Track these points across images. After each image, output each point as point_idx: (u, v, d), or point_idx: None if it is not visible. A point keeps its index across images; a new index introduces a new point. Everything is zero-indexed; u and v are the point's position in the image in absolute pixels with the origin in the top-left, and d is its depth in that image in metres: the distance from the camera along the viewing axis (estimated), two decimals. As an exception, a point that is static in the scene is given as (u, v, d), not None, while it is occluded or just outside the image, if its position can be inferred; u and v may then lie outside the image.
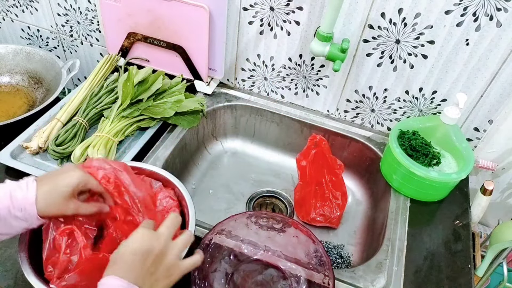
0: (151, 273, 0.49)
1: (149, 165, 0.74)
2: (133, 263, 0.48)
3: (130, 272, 0.47)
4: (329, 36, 0.82)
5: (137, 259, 0.49)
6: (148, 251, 0.49)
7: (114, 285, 0.46)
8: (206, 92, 1.05)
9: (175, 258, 0.52)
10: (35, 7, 1.14)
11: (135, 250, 0.49)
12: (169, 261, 0.51)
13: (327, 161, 0.92)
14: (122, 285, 0.46)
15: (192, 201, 0.68)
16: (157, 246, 0.50)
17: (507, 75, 0.80)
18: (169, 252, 0.51)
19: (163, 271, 0.50)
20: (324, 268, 0.67)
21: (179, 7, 0.92)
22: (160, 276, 0.49)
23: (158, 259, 0.50)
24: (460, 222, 0.82)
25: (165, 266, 0.50)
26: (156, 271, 0.49)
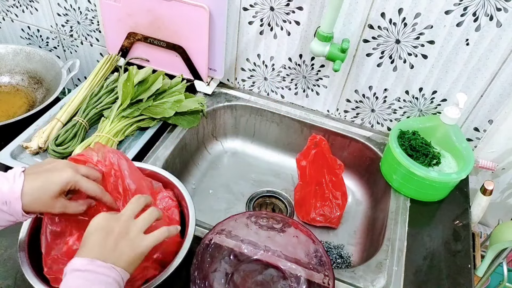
0: (113, 249, 0.49)
1: (149, 165, 0.74)
2: (94, 242, 0.49)
3: (91, 250, 0.48)
4: (329, 36, 0.82)
5: (97, 238, 0.50)
6: (107, 231, 0.50)
7: (76, 264, 0.47)
8: (206, 92, 1.05)
9: (137, 234, 0.52)
10: (35, 7, 1.14)
11: (94, 230, 0.51)
12: (131, 237, 0.51)
13: (327, 161, 0.92)
14: (83, 263, 0.47)
15: (192, 201, 0.68)
16: (116, 226, 0.51)
17: (507, 75, 0.80)
18: (130, 229, 0.52)
19: (126, 246, 0.50)
20: (324, 268, 0.67)
21: (179, 7, 0.92)
22: (123, 251, 0.50)
23: (119, 237, 0.50)
24: (460, 222, 0.82)
25: (127, 241, 0.50)
26: (118, 247, 0.50)
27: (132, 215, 0.54)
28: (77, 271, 0.46)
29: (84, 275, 0.46)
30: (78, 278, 0.46)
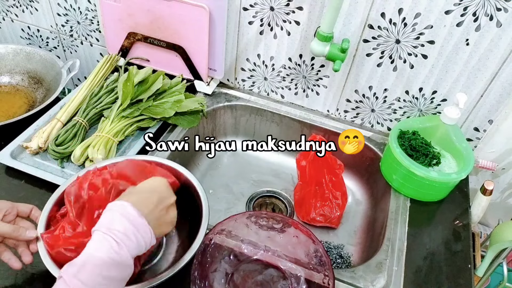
0: (157, 217, 0.52)
1: (169, 161, 0.74)
2: (149, 200, 0.52)
3: (144, 206, 0.51)
4: (329, 36, 0.82)
5: (154, 198, 0.53)
6: (162, 200, 0.54)
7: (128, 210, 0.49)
8: (206, 92, 1.05)
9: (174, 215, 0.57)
10: (35, 7, 1.14)
11: (155, 189, 0.55)
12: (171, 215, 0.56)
13: (327, 161, 0.92)
14: (134, 214, 0.49)
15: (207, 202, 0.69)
16: (169, 199, 0.55)
17: (507, 75, 0.80)
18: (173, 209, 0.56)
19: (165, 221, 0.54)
20: (324, 268, 0.67)
21: (179, 7, 0.92)
22: (162, 223, 0.53)
23: (165, 210, 0.54)
24: (460, 222, 0.82)
25: (167, 217, 0.54)
26: (161, 218, 0.53)
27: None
28: (124, 217, 0.48)
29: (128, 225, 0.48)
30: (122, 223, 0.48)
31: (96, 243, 0.47)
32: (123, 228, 0.47)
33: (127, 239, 0.47)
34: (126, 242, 0.47)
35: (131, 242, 0.47)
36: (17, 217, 0.61)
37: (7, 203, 0.60)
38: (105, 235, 0.47)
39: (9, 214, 0.60)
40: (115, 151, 0.85)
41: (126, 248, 0.47)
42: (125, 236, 0.47)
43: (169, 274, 0.58)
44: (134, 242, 0.48)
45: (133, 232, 0.48)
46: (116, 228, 0.47)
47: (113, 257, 0.46)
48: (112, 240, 0.46)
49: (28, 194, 0.78)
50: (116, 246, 0.46)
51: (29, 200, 0.76)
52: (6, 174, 0.81)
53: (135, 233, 0.48)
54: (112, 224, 0.48)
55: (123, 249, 0.47)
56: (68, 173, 0.81)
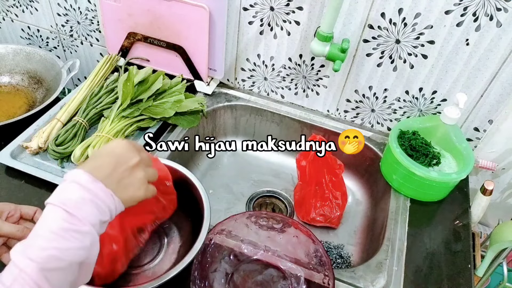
0: (118, 180, 0.49)
1: (170, 161, 0.74)
2: (104, 163, 0.49)
3: (98, 170, 0.48)
4: (329, 36, 0.82)
5: (108, 161, 0.49)
6: (121, 161, 0.50)
7: (79, 176, 0.46)
8: (206, 92, 1.05)
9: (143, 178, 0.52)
10: (35, 7, 1.14)
11: (108, 153, 0.51)
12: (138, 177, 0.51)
13: (327, 161, 0.92)
14: (86, 179, 0.46)
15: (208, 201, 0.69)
16: (131, 160, 0.51)
17: (507, 75, 0.80)
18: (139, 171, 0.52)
19: (130, 183, 0.50)
20: (324, 268, 0.67)
21: (179, 7, 0.92)
22: (127, 186, 0.50)
23: (127, 171, 0.50)
24: (460, 222, 0.82)
25: (133, 179, 0.50)
26: (124, 180, 0.49)
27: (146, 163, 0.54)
28: (77, 184, 0.45)
29: (81, 192, 0.45)
30: (75, 191, 0.45)
31: (45, 217, 0.44)
32: (75, 196, 0.45)
33: (81, 205, 0.44)
34: (80, 209, 0.44)
35: (87, 208, 0.45)
36: (20, 219, 0.61)
37: (10, 205, 0.60)
38: (55, 207, 0.44)
39: (12, 216, 0.59)
40: (115, 151, 0.85)
41: (80, 216, 0.44)
42: (77, 203, 0.44)
43: (170, 275, 0.59)
44: (91, 207, 0.45)
45: (89, 198, 0.45)
46: (67, 197, 0.45)
47: (64, 226, 0.43)
48: (62, 211, 0.43)
49: (28, 194, 0.78)
50: (67, 215, 0.43)
51: (29, 200, 0.77)
52: (6, 174, 0.81)
53: (91, 198, 0.45)
54: (62, 194, 0.45)
55: (75, 217, 0.43)
56: (68, 173, 0.81)
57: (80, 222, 0.44)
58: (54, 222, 0.43)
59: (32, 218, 0.62)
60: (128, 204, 0.50)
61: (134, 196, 0.51)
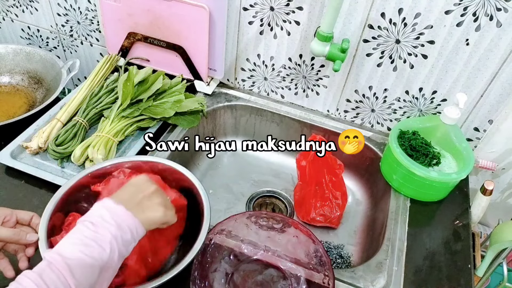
0: (137, 203, 0.56)
1: (170, 161, 0.74)
2: (125, 193, 0.57)
3: (121, 198, 0.55)
4: (329, 36, 0.82)
5: (129, 191, 0.58)
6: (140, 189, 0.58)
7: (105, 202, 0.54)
8: (206, 92, 1.05)
9: (160, 202, 0.59)
10: (35, 7, 1.14)
11: (129, 185, 0.59)
12: (155, 202, 0.58)
13: (327, 161, 0.92)
14: (110, 203, 0.53)
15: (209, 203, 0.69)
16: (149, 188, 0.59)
17: (507, 75, 0.80)
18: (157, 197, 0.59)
19: (149, 206, 0.57)
20: (324, 268, 0.67)
21: (179, 7, 0.92)
22: (145, 209, 0.56)
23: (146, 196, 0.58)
24: (460, 222, 0.82)
25: (151, 203, 0.57)
26: (142, 204, 0.56)
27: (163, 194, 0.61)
28: (102, 207, 0.53)
29: (105, 211, 0.52)
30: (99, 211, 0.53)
31: (74, 229, 0.51)
32: (99, 213, 0.52)
33: (103, 220, 0.51)
34: (102, 223, 0.51)
35: (108, 224, 0.51)
36: (17, 224, 0.62)
37: (6, 210, 0.61)
38: (83, 222, 0.52)
39: (8, 221, 0.60)
40: (115, 151, 0.85)
41: (103, 228, 0.50)
42: (101, 218, 0.51)
43: (171, 275, 0.58)
44: (113, 224, 0.51)
45: (110, 216, 0.52)
46: (93, 214, 0.52)
47: (89, 235, 0.50)
48: (88, 223, 0.51)
49: (28, 194, 0.78)
50: (91, 226, 0.50)
51: (29, 200, 0.77)
52: (6, 174, 0.81)
53: (113, 216, 0.52)
54: (90, 213, 0.53)
55: (99, 228, 0.50)
56: (68, 173, 0.81)
57: (103, 232, 0.50)
58: (81, 231, 0.50)
59: (28, 223, 0.63)
60: (148, 225, 0.56)
61: (153, 217, 0.56)
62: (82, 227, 0.51)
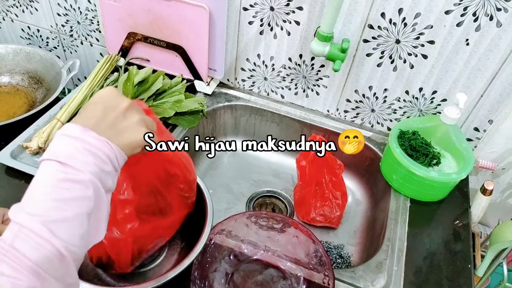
0: (110, 126, 0.45)
1: None
2: (92, 113, 0.45)
3: (87, 120, 0.44)
4: (329, 36, 0.82)
5: (97, 109, 0.45)
6: (110, 106, 0.46)
7: (68, 129, 0.43)
8: (206, 92, 1.05)
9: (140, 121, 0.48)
10: (35, 7, 1.14)
11: (96, 102, 0.47)
12: (133, 121, 0.47)
13: (327, 161, 0.92)
14: (75, 129, 0.43)
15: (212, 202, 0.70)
16: (122, 104, 0.47)
17: (507, 75, 0.80)
18: (134, 115, 0.48)
19: (125, 127, 0.46)
20: (324, 268, 0.67)
21: (179, 7, 0.92)
22: (122, 131, 0.46)
23: (121, 116, 0.46)
24: (460, 222, 0.82)
25: (128, 123, 0.46)
26: (117, 125, 0.46)
27: (138, 109, 0.50)
28: (66, 136, 0.42)
29: (72, 142, 0.42)
30: (66, 144, 0.42)
31: (39, 174, 0.41)
32: (67, 147, 0.42)
33: (74, 155, 0.41)
34: (74, 159, 0.41)
35: (82, 156, 0.41)
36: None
37: (5, 210, 0.59)
38: (47, 161, 0.41)
39: (8, 219, 0.59)
40: (115, 151, 0.85)
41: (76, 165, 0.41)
42: (71, 154, 0.41)
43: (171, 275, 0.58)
44: (86, 155, 0.42)
45: (82, 147, 0.42)
46: (58, 150, 0.41)
47: (60, 177, 0.40)
48: (55, 163, 0.41)
49: (28, 194, 0.78)
50: (61, 166, 0.40)
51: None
52: (6, 174, 0.81)
53: (85, 147, 0.42)
54: (54, 148, 0.42)
55: (70, 167, 0.40)
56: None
57: (76, 171, 0.40)
58: (49, 175, 0.40)
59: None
60: (129, 151, 0.46)
61: (133, 141, 0.46)
62: (49, 170, 0.40)
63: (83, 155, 0.41)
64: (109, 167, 0.43)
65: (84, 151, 0.41)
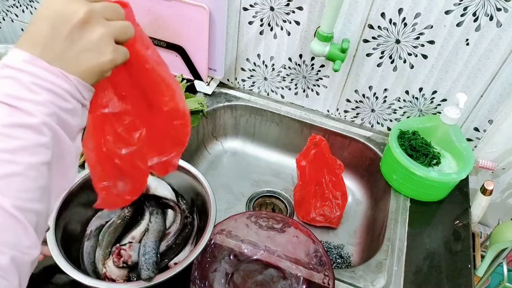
0: (63, 49, 0.35)
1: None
2: (38, 32, 0.34)
3: (34, 43, 0.34)
4: (329, 36, 0.82)
5: (44, 26, 0.34)
6: (62, 19, 0.34)
7: (13, 59, 0.34)
8: (206, 92, 1.05)
9: (105, 36, 0.36)
10: (35, 7, 1.14)
11: (45, 15, 0.35)
12: (95, 37, 0.36)
13: (327, 161, 0.92)
14: (22, 58, 0.33)
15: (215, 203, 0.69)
16: (79, 12, 0.35)
17: (507, 75, 0.80)
18: (97, 26, 0.36)
19: (85, 47, 0.35)
20: (324, 268, 0.67)
21: (179, 7, 0.92)
22: (80, 54, 0.35)
23: (76, 31, 0.35)
24: (460, 222, 0.82)
25: (88, 41, 0.35)
26: (73, 47, 0.35)
27: (103, 10, 0.37)
28: (10, 68, 0.33)
29: (18, 76, 0.33)
30: (11, 79, 0.33)
31: None
32: (12, 82, 0.33)
33: (22, 92, 0.33)
34: (23, 100, 0.33)
35: (31, 95, 0.33)
36: None
37: None
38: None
39: None
40: (115, 151, 0.85)
41: (25, 106, 0.33)
42: (16, 91, 0.33)
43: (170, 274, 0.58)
44: (37, 92, 0.33)
45: (30, 81, 0.33)
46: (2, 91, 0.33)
47: (7, 122, 0.32)
48: (1, 105, 0.32)
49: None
50: (8, 109, 0.32)
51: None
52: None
53: (33, 80, 0.33)
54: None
55: (18, 109, 0.32)
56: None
57: (25, 114, 0.32)
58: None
59: None
60: (93, 78, 0.37)
61: (95, 66, 0.36)
62: None
63: (33, 93, 0.33)
64: (70, 104, 0.35)
65: (34, 87, 0.33)
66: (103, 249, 0.66)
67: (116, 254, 0.62)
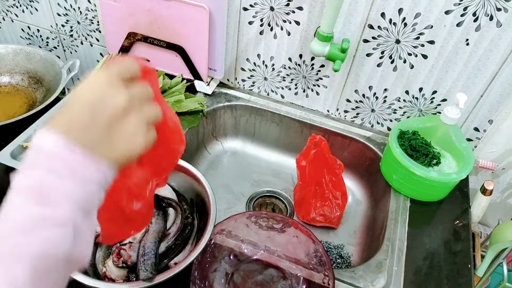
0: (104, 133, 0.34)
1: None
2: (76, 116, 0.34)
3: (72, 126, 0.33)
4: (329, 36, 0.82)
5: (82, 111, 0.34)
6: (100, 106, 0.34)
7: (45, 141, 0.32)
8: (206, 92, 1.05)
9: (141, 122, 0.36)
10: (35, 7, 1.14)
11: (85, 99, 0.34)
12: (133, 124, 0.35)
13: (327, 161, 0.92)
14: (57, 144, 0.32)
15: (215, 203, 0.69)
16: (119, 99, 0.34)
17: (507, 75, 0.80)
18: (136, 111, 0.36)
19: (121, 135, 0.35)
20: (324, 268, 0.67)
21: (179, 7, 0.92)
22: (115, 141, 0.35)
23: (118, 117, 0.35)
24: (460, 222, 0.82)
25: (125, 129, 0.35)
26: (114, 131, 0.34)
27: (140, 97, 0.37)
28: (50, 158, 0.32)
29: (50, 162, 0.32)
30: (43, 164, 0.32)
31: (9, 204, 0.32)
32: (42, 169, 0.32)
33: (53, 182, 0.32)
34: (54, 188, 0.32)
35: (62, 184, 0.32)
36: None
37: None
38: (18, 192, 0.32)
39: None
40: (115, 151, 0.85)
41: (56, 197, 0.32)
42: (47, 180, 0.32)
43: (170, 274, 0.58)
44: (68, 181, 0.32)
45: (63, 167, 0.32)
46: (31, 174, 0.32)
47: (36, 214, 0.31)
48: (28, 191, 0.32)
49: (28, 194, 0.78)
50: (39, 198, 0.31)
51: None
52: (6, 174, 0.81)
53: (67, 167, 0.32)
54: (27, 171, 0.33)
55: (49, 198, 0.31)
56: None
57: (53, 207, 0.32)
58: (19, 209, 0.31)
59: None
60: (121, 164, 0.36)
61: (128, 153, 0.36)
62: (20, 201, 0.31)
63: (64, 182, 0.32)
64: (94, 193, 0.34)
65: (66, 176, 0.32)
66: (104, 250, 0.66)
67: (116, 254, 0.62)
